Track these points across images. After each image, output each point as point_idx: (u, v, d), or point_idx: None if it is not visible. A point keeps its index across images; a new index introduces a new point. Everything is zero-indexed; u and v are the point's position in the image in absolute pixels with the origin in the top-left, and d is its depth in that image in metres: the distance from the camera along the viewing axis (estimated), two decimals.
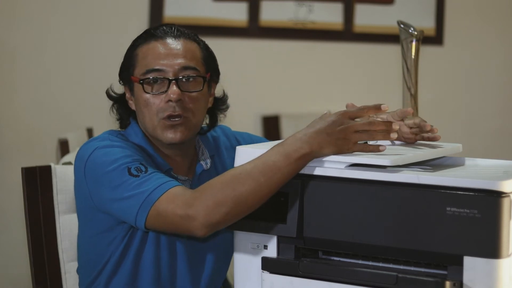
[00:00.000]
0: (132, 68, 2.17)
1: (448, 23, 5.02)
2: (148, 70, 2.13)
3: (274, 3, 4.72)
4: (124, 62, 2.21)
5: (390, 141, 2.16)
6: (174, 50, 2.15)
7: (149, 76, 2.13)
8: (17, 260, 4.24)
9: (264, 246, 1.96)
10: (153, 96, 2.13)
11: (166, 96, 2.12)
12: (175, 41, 2.16)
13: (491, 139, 5.14)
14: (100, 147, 2.08)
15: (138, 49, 2.17)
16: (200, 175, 2.21)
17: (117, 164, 2.02)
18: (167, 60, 2.13)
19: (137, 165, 2.01)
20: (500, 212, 1.72)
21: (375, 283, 1.82)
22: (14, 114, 4.37)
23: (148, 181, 1.97)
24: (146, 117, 2.14)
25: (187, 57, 2.15)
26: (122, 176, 2.00)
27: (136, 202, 1.96)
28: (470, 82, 5.13)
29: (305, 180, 1.90)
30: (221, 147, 2.32)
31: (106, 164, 2.03)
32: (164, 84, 2.13)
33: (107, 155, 2.05)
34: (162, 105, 2.12)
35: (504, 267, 1.74)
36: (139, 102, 2.15)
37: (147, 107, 2.13)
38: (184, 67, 2.14)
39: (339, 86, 4.91)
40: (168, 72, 2.13)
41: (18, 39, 4.36)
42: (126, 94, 2.22)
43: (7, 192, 4.31)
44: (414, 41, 2.61)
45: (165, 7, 4.54)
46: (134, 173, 1.99)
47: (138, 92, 2.15)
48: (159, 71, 2.13)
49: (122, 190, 1.99)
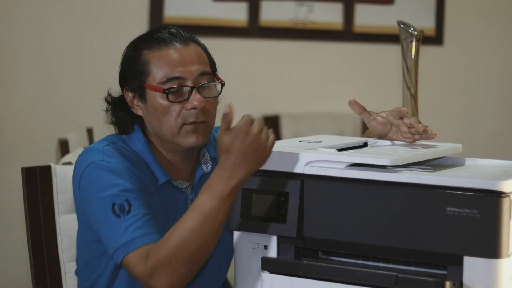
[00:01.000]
0: (144, 76, 2.14)
1: (448, 23, 5.02)
2: (168, 78, 2.11)
3: (274, 3, 4.72)
4: (127, 68, 2.18)
5: (390, 141, 2.16)
6: (189, 56, 2.14)
7: (171, 84, 2.11)
8: (17, 260, 4.24)
9: (264, 246, 1.96)
10: (173, 103, 2.12)
11: (188, 104, 2.11)
12: (186, 46, 2.16)
13: (491, 139, 5.14)
14: (95, 164, 2.09)
15: (146, 56, 2.14)
16: (201, 179, 2.21)
17: (104, 195, 2.04)
18: (185, 68, 2.13)
19: (122, 201, 2.03)
20: (500, 212, 1.72)
21: (375, 283, 1.83)
22: (14, 114, 4.37)
23: (126, 228, 2.01)
24: (165, 124, 2.13)
25: (201, 63, 2.16)
26: (106, 209, 2.03)
27: (112, 245, 2.02)
28: (470, 82, 5.13)
29: (305, 180, 1.90)
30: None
31: (95, 190, 2.07)
32: (185, 91, 2.12)
33: (98, 180, 2.07)
34: (184, 112, 2.12)
35: (504, 267, 1.74)
36: (156, 109, 2.13)
37: (167, 114, 2.12)
38: (201, 73, 2.14)
39: (339, 86, 4.91)
40: (188, 79, 2.13)
41: (18, 39, 4.36)
42: (127, 99, 2.19)
43: (7, 192, 4.31)
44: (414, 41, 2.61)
45: (165, 7, 4.54)
46: (117, 212, 2.03)
47: (155, 100, 2.13)
48: (179, 78, 2.12)
49: (103, 223, 2.05)
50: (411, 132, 2.11)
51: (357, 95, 4.72)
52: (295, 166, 1.92)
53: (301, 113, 4.80)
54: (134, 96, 2.17)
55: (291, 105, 4.83)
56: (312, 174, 1.90)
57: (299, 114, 4.79)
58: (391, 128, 2.14)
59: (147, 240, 1.99)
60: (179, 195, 2.18)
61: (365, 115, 2.17)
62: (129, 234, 2.00)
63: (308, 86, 4.88)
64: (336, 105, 4.85)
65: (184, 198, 2.19)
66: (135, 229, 2.00)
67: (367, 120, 2.18)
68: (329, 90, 4.91)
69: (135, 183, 2.08)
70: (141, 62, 2.14)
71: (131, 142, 2.18)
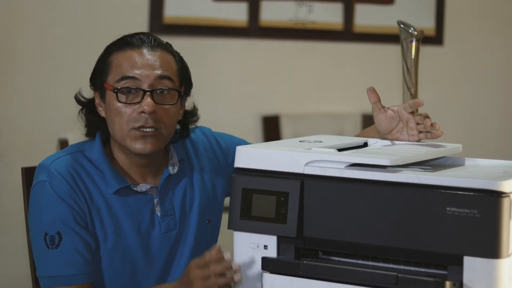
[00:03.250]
0: (105, 75, 2.15)
1: (448, 23, 5.02)
2: (122, 77, 2.11)
3: (274, 3, 4.72)
4: (96, 67, 2.19)
5: (391, 141, 2.16)
6: (151, 60, 2.13)
7: (123, 84, 2.11)
8: (17, 260, 4.24)
9: (264, 246, 1.96)
10: (125, 105, 2.11)
11: (139, 107, 2.10)
12: (152, 51, 2.14)
13: (491, 139, 5.14)
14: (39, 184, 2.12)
15: (112, 56, 2.15)
16: (167, 180, 2.21)
17: (39, 222, 2.10)
18: (143, 70, 2.11)
19: (53, 233, 2.08)
20: (500, 212, 1.72)
21: (375, 283, 1.83)
22: (14, 114, 4.37)
23: (52, 261, 2.08)
24: (116, 125, 2.13)
25: (163, 68, 2.13)
26: (39, 236, 2.10)
27: (39, 271, 2.11)
28: (470, 82, 5.13)
29: (305, 180, 1.90)
30: (199, 147, 2.31)
31: (34, 213, 2.13)
32: (138, 95, 2.11)
33: (38, 204, 2.12)
34: (135, 115, 2.11)
35: (504, 267, 1.74)
36: (110, 110, 2.13)
37: (118, 116, 2.12)
38: (160, 76, 2.12)
39: (339, 86, 4.91)
40: (144, 82, 2.11)
41: (18, 39, 4.36)
42: (95, 100, 2.19)
43: (7, 192, 4.31)
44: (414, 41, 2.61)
45: (165, 7, 4.54)
46: (47, 242, 2.09)
47: (110, 100, 2.13)
48: (134, 79, 2.11)
49: (35, 247, 2.12)
50: (419, 129, 2.11)
51: (357, 95, 4.75)
52: (295, 166, 1.92)
53: (301, 113, 4.80)
54: (97, 97, 2.18)
55: (291, 105, 4.83)
56: (312, 174, 1.90)
57: (299, 114, 4.79)
58: (397, 124, 2.14)
59: (72, 282, 2.08)
60: (141, 198, 2.18)
61: (377, 106, 2.17)
62: (55, 269, 2.08)
63: (308, 86, 4.88)
64: (336, 105, 4.86)
65: (148, 201, 2.19)
66: (61, 265, 2.08)
67: (376, 112, 2.17)
68: (329, 90, 4.91)
69: (74, 209, 2.10)
70: (105, 62, 2.16)
71: (89, 151, 2.18)
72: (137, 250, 2.15)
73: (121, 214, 2.15)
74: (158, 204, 2.19)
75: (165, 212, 2.19)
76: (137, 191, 2.18)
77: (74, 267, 2.08)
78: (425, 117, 2.09)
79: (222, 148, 2.34)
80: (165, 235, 2.18)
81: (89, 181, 2.14)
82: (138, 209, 2.17)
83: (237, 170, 1.99)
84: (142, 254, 2.16)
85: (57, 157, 2.16)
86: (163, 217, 2.18)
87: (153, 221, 2.18)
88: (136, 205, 2.17)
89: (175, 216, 2.20)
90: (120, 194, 2.16)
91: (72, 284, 2.08)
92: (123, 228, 2.15)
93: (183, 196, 2.22)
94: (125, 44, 2.16)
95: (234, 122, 4.65)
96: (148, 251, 2.17)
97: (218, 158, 2.32)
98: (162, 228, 2.18)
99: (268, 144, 2.09)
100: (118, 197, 2.15)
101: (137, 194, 2.18)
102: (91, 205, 2.12)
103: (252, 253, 1.97)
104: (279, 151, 1.95)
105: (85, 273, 2.09)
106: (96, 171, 2.15)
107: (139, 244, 2.15)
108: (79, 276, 2.09)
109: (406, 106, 2.12)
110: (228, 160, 2.32)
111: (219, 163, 2.32)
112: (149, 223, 2.17)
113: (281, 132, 4.74)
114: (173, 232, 2.19)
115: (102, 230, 2.13)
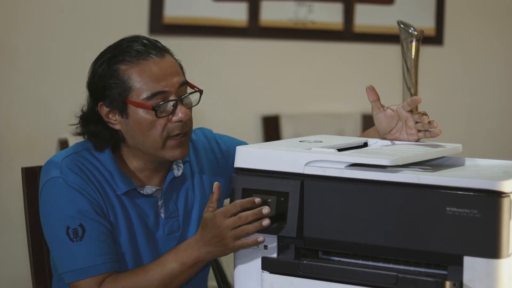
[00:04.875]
0: (126, 91, 2.11)
1: (448, 23, 5.02)
2: (153, 93, 2.10)
3: (274, 3, 4.72)
4: (106, 83, 2.12)
5: (390, 141, 2.16)
6: (169, 68, 2.13)
7: (157, 100, 2.10)
8: (17, 260, 4.24)
9: (264, 246, 1.96)
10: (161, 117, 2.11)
11: (175, 117, 2.11)
12: (163, 57, 2.14)
13: (491, 139, 5.14)
14: (52, 180, 2.11)
15: (127, 71, 2.11)
16: (171, 183, 2.21)
17: (59, 216, 2.09)
18: (167, 81, 2.11)
19: (76, 226, 2.07)
20: (500, 212, 1.72)
21: (375, 283, 1.83)
22: (14, 114, 4.37)
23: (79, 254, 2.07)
24: (150, 138, 2.12)
25: (179, 73, 2.15)
26: (60, 231, 2.09)
27: (65, 267, 2.09)
28: (470, 82, 5.13)
29: (305, 180, 1.90)
30: (199, 148, 2.32)
31: (51, 209, 2.11)
32: (169, 105, 2.11)
33: (54, 199, 2.11)
34: (170, 125, 2.12)
35: (504, 267, 1.74)
36: (141, 124, 2.12)
37: (153, 129, 2.11)
38: (181, 84, 2.14)
39: (339, 86, 4.91)
40: (171, 92, 2.12)
41: (18, 40, 4.36)
42: (102, 113, 2.15)
43: (7, 192, 4.31)
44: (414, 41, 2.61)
45: (165, 7, 4.54)
46: (70, 236, 2.08)
47: (138, 115, 2.11)
48: (163, 93, 2.11)
49: (57, 244, 2.10)
50: (417, 127, 2.11)
51: (357, 95, 4.75)
52: (295, 166, 1.92)
53: (301, 113, 4.80)
54: (110, 111, 2.14)
55: (291, 105, 4.83)
56: (312, 174, 1.90)
57: (299, 114, 4.79)
58: (397, 124, 2.14)
59: (101, 271, 2.06)
60: (147, 201, 2.19)
61: (376, 105, 2.17)
62: (83, 260, 2.06)
63: (308, 86, 4.88)
64: (336, 105, 4.85)
65: (153, 203, 2.20)
66: (88, 256, 2.06)
67: (375, 111, 2.17)
68: (329, 90, 4.91)
69: (91, 201, 2.10)
70: (120, 77, 2.11)
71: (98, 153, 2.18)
72: (146, 250, 2.16)
73: (132, 212, 2.16)
74: (162, 206, 2.19)
75: (169, 214, 2.19)
76: (143, 194, 2.18)
77: (101, 256, 2.07)
78: (422, 114, 2.09)
79: (222, 150, 2.34)
80: (169, 237, 2.18)
81: (101, 178, 2.15)
82: (144, 211, 2.18)
83: (237, 170, 1.99)
84: (150, 254, 2.16)
85: (67, 155, 2.16)
86: (167, 219, 2.19)
87: (158, 222, 2.18)
88: (143, 206, 2.18)
89: (178, 218, 2.20)
90: (128, 196, 2.16)
91: (102, 273, 2.06)
92: (134, 226, 2.15)
93: (185, 198, 2.23)
94: (132, 54, 2.12)
95: (234, 122, 4.65)
96: (155, 251, 2.17)
97: (218, 160, 2.32)
98: (166, 229, 2.18)
99: (268, 144, 2.09)
100: (126, 197, 2.16)
101: (143, 196, 2.18)
102: (106, 200, 2.13)
103: (252, 253, 1.97)
104: (279, 151, 1.95)
105: (111, 261, 2.09)
106: (105, 170, 2.16)
107: (147, 243, 2.16)
108: (107, 264, 2.08)
109: (404, 104, 2.12)
110: (228, 162, 2.32)
111: (219, 165, 2.32)
112: (153, 225, 2.17)
113: (281, 132, 4.74)
114: (177, 234, 2.19)
115: (117, 225, 2.14)
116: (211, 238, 1.99)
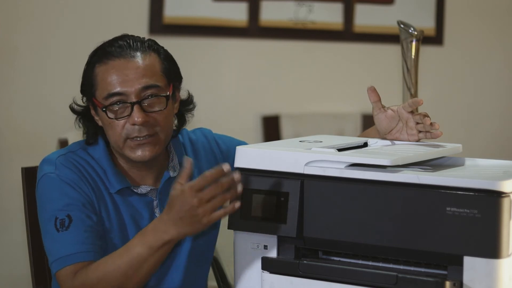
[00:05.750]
0: (93, 89, 2.15)
1: (448, 23, 5.02)
2: (109, 94, 2.11)
3: (274, 3, 4.72)
4: (83, 80, 2.19)
5: (390, 141, 2.16)
6: (133, 70, 2.11)
7: (110, 101, 2.11)
8: (17, 260, 4.24)
9: (264, 246, 1.96)
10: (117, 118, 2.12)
11: (130, 120, 2.11)
12: (133, 58, 2.13)
13: (491, 139, 5.14)
14: (46, 176, 2.14)
15: (96, 69, 2.14)
16: (167, 183, 2.20)
17: (49, 208, 2.10)
18: (128, 82, 2.11)
19: (63, 216, 2.08)
20: (500, 212, 1.72)
21: (375, 283, 1.83)
22: (14, 115, 4.37)
23: (63, 243, 2.06)
24: (111, 137, 2.15)
25: (147, 75, 2.12)
26: (49, 222, 2.10)
27: (50, 257, 2.09)
28: (470, 82, 5.13)
29: (305, 180, 1.90)
30: (199, 149, 2.31)
31: (43, 202, 2.13)
32: (127, 108, 2.11)
33: (46, 193, 2.13)
34: (128, 126, 2.12)
35: (504, 267, 1.74)
36: (104, 123, 2.16)
37: (112, 129, 2.13)
38: (145, 87, 2.12)
39: (339, 86, 4.91)
40: (130, 94, 2.11)
41: (18, 40, 4.36)
42: (90, 109, 2.20)
43: (7, 192, 4.31)
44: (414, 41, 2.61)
45: (165, 7, 4.54)
46: (57, 226, 2.08)
47: (102, 114, 2.15)
48: (120, 94, 2.11)
49: (46, 236, 2.11)
50: (418, 128, 2.11)
51: (357, 95, 4.75)
52: (295, 166, 1.92)
53: (301, 113, 4.80)
54: (91, 108, 2.19)
55: (291, 105, 4.82)
56: (312, 174, 1.90)
57: (299, 114, 4.79)
58: (397, 124, 2.14)
59: (79, 259, 2.04)
60: (141, 200, 2.19)
61: (377, 105, 2.17)
62: (65, 249, 2.05)
63: (308, 86, 4.88)
64: (336, 105, 4.85)
65: (148, 203, 2.20)
66: (70, 245, 2.05)
67: (376, 112, 2.17)
68: (329, 90, 4.90)
69: (83, 195, 2.11)
70: (92, 75, 2.15)
71: (92, 149, 2.20)
72: None
73: (124, 211, 2.16)
74: (157, 206, 2.19)
75: None
76: (137, 193, 2.18)
77: (82, 245, 2.06)
78: (424, 116, 2.09)
79: (222, 150, 2.34)
80: None
81: (95, 176, 2.16)
82: (138, 210, 2.17)
83: (237, 170, 1.99)
84: None
85: (62, 153, 2.18)
86: None
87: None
88: (136, 206, 2.18)
89: None
90: (122, 194, 2.16)
91: (81, 261, 2.05)
92: (127, 225, 2.15)
93: None
94: (105, 55, 2.14)
95: (234, 122, 4.65)
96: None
97: (217, 161, 2.32)
98: None
99: (268, 144, 2.09)
100: (120, 196, 2.16)
101: (137, 196, 2.18)
102: (99, 197, 2.14)
103: (252, 253, 1.97)
104: (279, 151, 1.95)
105: (92, 251, 2.07)
106: (100, 168, 2.17)
107: None
108: (87, 253, 2.06)
109: (405, 105, 2.12)
110: (228, 162, 2.31)
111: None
112: (147, 224, 2.16)
113: (281, 132, 4.74)
114: None
115: (109, 223, 2.14)
116: (181, 217, 1.91)
